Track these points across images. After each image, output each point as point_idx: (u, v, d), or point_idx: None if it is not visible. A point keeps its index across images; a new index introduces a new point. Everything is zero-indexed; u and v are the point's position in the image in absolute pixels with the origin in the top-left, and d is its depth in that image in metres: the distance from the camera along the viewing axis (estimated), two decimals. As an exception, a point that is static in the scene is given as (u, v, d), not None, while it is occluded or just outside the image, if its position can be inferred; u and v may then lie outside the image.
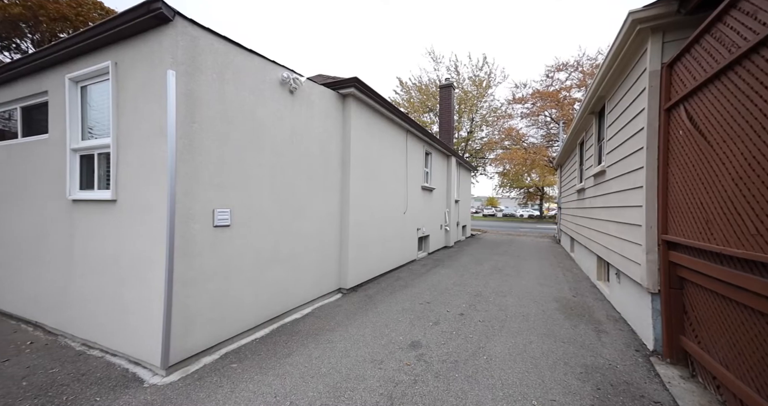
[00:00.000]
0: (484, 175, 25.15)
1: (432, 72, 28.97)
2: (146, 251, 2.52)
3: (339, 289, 4.64)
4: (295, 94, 3.66)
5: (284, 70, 3.44)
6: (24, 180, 3.52)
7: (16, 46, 14.67)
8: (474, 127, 21.61)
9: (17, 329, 3.27)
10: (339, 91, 4.49)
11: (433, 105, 20.40)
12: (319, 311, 3.85)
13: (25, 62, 3.26)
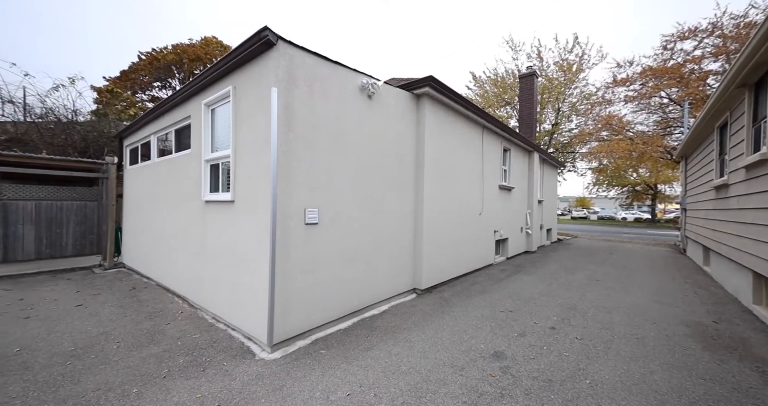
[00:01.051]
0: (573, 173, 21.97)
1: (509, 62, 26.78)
2: (255, 243, 2.97)
3: (413, 289, 4.64)
4: (372, 99, 3.82)
5: (363, 77, 3.63)
6: (177, 186, 4.56)
7: (169, 84, 19.24)
8: (561, 118, 19.09)
9: (173, 301, 4.25)
10: (413, 92, 4.51)
11: (511, 97, 18.78)
12: (395, 309, 3.92)
13: (176, 96, 4.23)
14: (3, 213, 5.86)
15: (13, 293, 4.48)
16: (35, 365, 2.53)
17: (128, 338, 3.04)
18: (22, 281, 5.16)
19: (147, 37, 35.31)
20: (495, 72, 20.32)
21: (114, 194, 6.61)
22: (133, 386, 2.25)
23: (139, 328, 3.30)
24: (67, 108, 9.87)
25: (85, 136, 9.38)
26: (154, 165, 5.43)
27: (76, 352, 2.75)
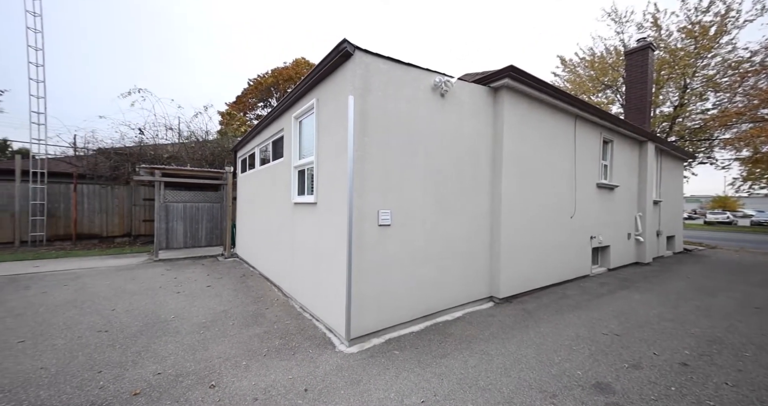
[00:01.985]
0: (708, 165, 17.01)
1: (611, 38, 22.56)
2: (334, 242, 3.22)
3: (490, 297, 4.32)
4: (445, 97, 3.71)
5: (436, 76, 3.56)
6: (273, 190, 5.33)
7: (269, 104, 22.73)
8: (688, 97, 15.04)
9: (270, 289, 4.97)
10: (489, 85, 4.21)
11: (613, 79, 15.74)
12: (470, 317, 3.71)
13: (272, 113, 4.95)
14: (165, 212, 7.84)
15: (171, 272, 5.94)
16: (182, 330, 3.29)
17: (240, 318, 3.68)
18: (176, 263, 6.80)
19: (256, 66, 42.70)
20: (591, 52, 17.38)
21: (231, 197, 8.13)
22: (242, 359, 2.70)
23: (247, 310, 3.95)
24: (203, 130, 12.64)
25: (213, 151, 11.82)
26: (256, 172, 6.46)
27: (206, 324, 3.47)
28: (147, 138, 11.22)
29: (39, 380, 2.34)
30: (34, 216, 9.00)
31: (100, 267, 6.28)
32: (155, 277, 5.58)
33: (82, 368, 2.52)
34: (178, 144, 11.85)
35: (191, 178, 8.14)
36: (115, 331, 3.24)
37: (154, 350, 2.82)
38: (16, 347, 2.86)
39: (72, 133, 19.48)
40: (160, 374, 2.45)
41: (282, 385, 2.31)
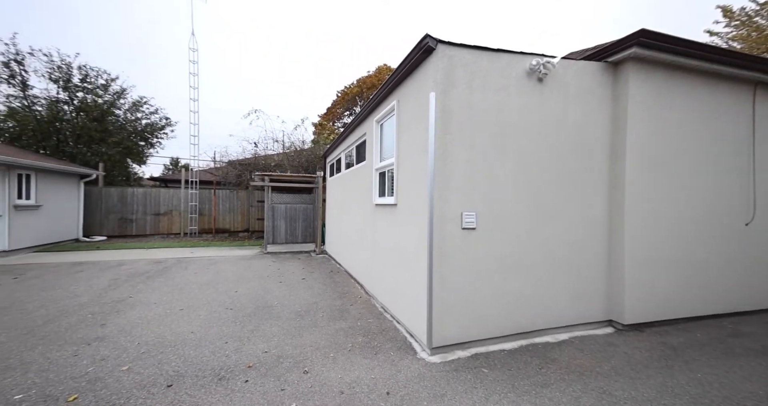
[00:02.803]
0: None
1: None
2: (414, 245, 3.13)
3: (609, 321, 3.49)
4: (544, 82, 3.18)
5: (533, 58, 3.08)
6: (356, 192, 5.63)
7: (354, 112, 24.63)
8: None
9: (354, 286, 5.25)
10: (606, 61, 3.41)
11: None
12: (579, 343, 3.07)
13: (356, 119, 5.23)
14: (272, 212, 9.26)
15: (275, 264, 6.96)
16: (282, 316, 3.75)
17: (328, 310, 3.96)
18: (279, 256, 7.94)
19: (345, 77, 47.03)
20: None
21: (321, 199, 9.02)
22: (330, 351, 2.87)
23: (334, 304, 4.24)
24: (300, 140, 14.51)
25: (307, 158, 13.41)
26: (342, 176, 6.96)
27: (301, 313, 3.86)
28: (260, 150, 13.52)
29: (189, 341, 2.99)
30: (192, 214, 11.93)
31: (228, 256, 7.83)
32: (264, 267, 6.59)
33: (215, 337, 3.11)
34: (281, 154, 13.89)
35: (290, 182, 9.38)
36: (237, 309, 3.92)
37: (262, 331, 3.28)
38: (178, 313, 3.75)
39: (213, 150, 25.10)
40: (267, 352, 2.81)
41: (365, 383, 2.34)
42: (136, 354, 2.71)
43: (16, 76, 13.06)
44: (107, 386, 2.24)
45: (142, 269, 6.15)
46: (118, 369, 2.46)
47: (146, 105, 16.08)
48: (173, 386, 2.27)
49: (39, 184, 8.65)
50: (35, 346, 2.84)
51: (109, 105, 14.73)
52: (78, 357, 2.64)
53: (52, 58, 13.46)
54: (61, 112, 13.68)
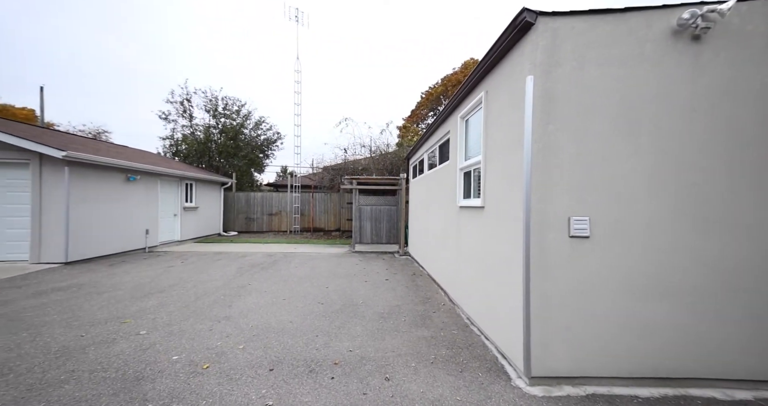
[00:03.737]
0: None
1: None
2: (505, 254, 2.73)
3: (830, 385, 2.29)
4: (703, 40, 2.32)
5: (685, 10, 2.29)
6: (439, 193, 5.41)
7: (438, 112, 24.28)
8: None
9: (437, 292, 5.04)
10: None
11: None
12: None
13: (439, 117, 5.01)
14: (359, 213, 9.86)
15: (362, 263, 7.34)
16: (367, 316, 3.86)
17: (410, 315, 3.88)
18: (365, 256, 8.36)
19: (429, 77, 47.13)
20: None
21: (404, 201, 9.09)
22: (412, 360, 2.76)
23: (416, 309, 4.13)
24: (385, 143, 15.09)
25: (392, 161, 13.81)
26: (424, 177, 6.81)
27: (384, 315, 3.90)
28: (349, 155, 14.63)
29: (288, 330, 3.36)
30: (295, 214, 13.84)
31: (323, 253, 8.68)
32: (352, 265, 7.02)
33: (308, 329, 3.41)
34: (368, 158, 14.71)
35: (375, 185, 9.78)
36: (327, 304, 4.25)
37: (348, 329, 3.43)
38: (281, 303, 4.31)
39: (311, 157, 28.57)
40: (351, 352, 2.90)
41: (450, 405, 2.13)
42: (249, 336, 3.20)
43: (187, 110, 17.80)
44: (228, 360, 2.70)
45: (258, 260, 7.40)
46: (236, 347, 2.94)
47: (264, 123, 19.58)
48: (274, 370, 2.56)
49: (197, 191, 11.50)
50: (188, 317, 3.68)
51: (240, 126, 18.50)
52: (212, 332, 3.29)
53: (206, 94, 17.81)
54: (212, 134, 17.92)
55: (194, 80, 36.93)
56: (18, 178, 6.45)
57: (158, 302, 4.22)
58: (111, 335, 3.16)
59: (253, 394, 2.23)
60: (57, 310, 3.84)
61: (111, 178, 7.60)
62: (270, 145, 20.16)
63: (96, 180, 7.17)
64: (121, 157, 8.39)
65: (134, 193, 8.35)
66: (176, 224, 10.32)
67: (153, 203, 9.11)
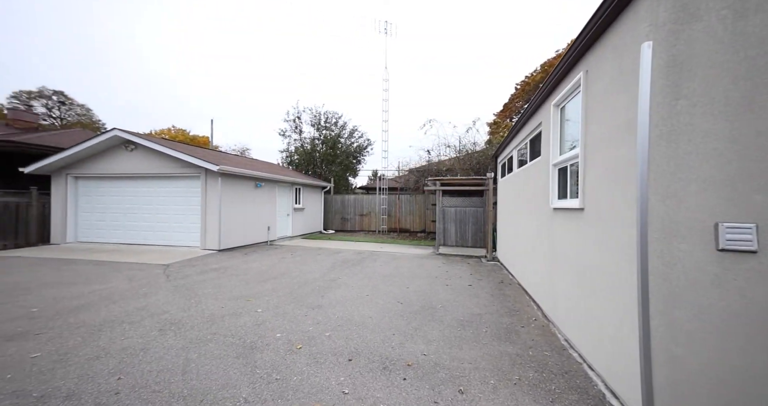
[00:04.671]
0: None
1: None
2: (612, 266, 2.20)
3: None
4: None
5: None
6: (529, 193, 4.79)
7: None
8: None
9: (528, 304, 4.46)
10: None
11: None
12: None
13: (528, 107, 4.45)
14: (443, 215, 9.66)
15: (445, 266, 7.16)
16: (445, 321, 3.74)
17: (493, 327, 3.56)
18: (449, 259, 8.12)
19: (526, 66, 42.52)
20: None
21: (491, 202, 8.41)
22: (491, 377, 2.54)
23: (501, 321, 3.75)
24: (471, 142, 14.34)
25: (478, 160, 13.00)
26: (513, 176, 6.14)
27: (463, 322, 3.70)
28: (433, 157, 14.50)
29: (368, 325, 3.58)
30: (382, 215, 14.60)
31: (406, 253, 8.87)
32: (434, 267, 6.92)
33: (386, 326, 3.55)
34: (453, 158, 14.25)
35: (459, 185, 9.38)
36: (405, 304, 4.32)
37: (424, 332, 3.41)
38: (364, 298, 4.62)
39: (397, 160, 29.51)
40: (425, 356, 2.88)
41: (532, 436, 1.86)
42: (335, 325, 3.55)
43: (298, 127, 21.15)
44: (316, 344, 3.07)
45: (349, 257, 8.13)
46: (323, 334, 3.31)
47: (356, 132, 21.45)
48: (352, 361, 2.77)
49: (303, 194, 13.49)
50: (290, 302, 4.36)
51: (337, 136, 20.78)
52: (306, 317, 3.80)
53: (312, 111, 20.76)
54: (316, 145, 20.73)
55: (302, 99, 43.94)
56: (194, 187, 8.96)
57: (272, 287, 5.15)
58: (239, 309, 4.04)
59: (333, 380, 2.47)
60: (210, 285, 5.14)
61: (245, 185, 9.71)
62: (361, 151, 21.89)
63: (236, 187, 9.29)
64: (252, 168, 10.61)
65: (260, 197, 10.43)
66: (288, 222, 12.35)
67: (272, 205, 11.17)
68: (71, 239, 9.43)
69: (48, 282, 5.17)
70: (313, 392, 2.31)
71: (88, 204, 9.59)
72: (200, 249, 8.64)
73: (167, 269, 6.28)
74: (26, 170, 9.25)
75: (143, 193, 9.32)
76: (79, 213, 9.61)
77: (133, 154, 9.13)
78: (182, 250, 8.58)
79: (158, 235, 9.15)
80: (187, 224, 8.94)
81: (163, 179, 9.17)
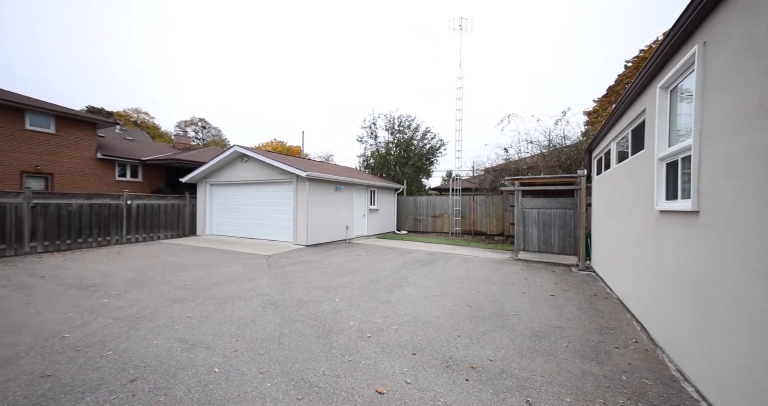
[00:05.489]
0: None
1: None
2: (736, 285, 1.74)
3: None
4: None
5: None
6: (629, 192, 4.06)
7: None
8: None
9: (629, 323, 3.78)
10: None
11: None
12: None
13: (630, 90, 3.79)
14: (522, 217, 8.87)
15: (523, 272, 6.60)
16: (517, 329, 3.52)
17: (576, 343, 3.18)
18: (530, 265, 7.42)
19: (640, 41, 34.99)
20: None
21: (584, 203, 7.31)
22: (566, 394, 2.32)
23: (588, 338, 3.31)
24: (560, 136, 12.68)
25: (569, 155, 11.43)
26: (610, 173, 5.25)
27: (539, 333, 3.41)
28: (512, 154, 13.38)
29: (433, 324, 3.65)
30: (456, 217, 14.23)
31: (481, 257, 8.47)
32: (511, 273, 6.45)
33: (452, 327, 3.56)
34: (537, 155, 12.86)
35: (542, 185, 8.44)
36: (474, 308, 4.21)
37: (492, 337, 3.29)
38: (432, 298, 4.69)
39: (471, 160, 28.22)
40: (491, 361, 2.80)
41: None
42: (402, 321, 3.75)
43: (373, 132, 22.42)
44: (384, 336, 3.31)
45: (420, 257, 8.26)
46: (390, 327, 3.54)
47: (429, 133, 21.44)
48: (416, 355, 2.90)
49: (378, 196, 14.26)
50: (363, 296, 4.76)
51: (410, 138, 21.19)
52: (376, 310, 4.11)
53: (386, 116, 21.73)
54: (390, 149, 21.60)
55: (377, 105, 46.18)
56: (288, 191, 10.53)
57: (348, 280, 5.70)
58: (320, 297, 4.63)
59: (397, 369, 2.66)
60: (300, 276, 6.01)
61: (327, 188, 10.88)
62: (434, 152, 21.75)
63: (320, 190, 10.51)
64: (333, 173, 11.80)
65: (339, 199, 11.51)
66: (364, 222, 13.25)
67: (350, 206, 12.18)
68: (208, 232, 12.24)
69: (197, 264, 6.90)
70: (378, 377, 2.54)
71: (218, 205, 12.28)
72: (292, 244, 10.08)
73: (269, 259, 7.58)
74: (183, 180, 12.45)
75: (252, 196, 11.42)
76: (213, 212, 12.39)
77: (247, 165, 11.28)
78: (279, 244, 10.16)
79: (262, 231, 11.07)
80: (282, 223, 10.55)
81: (266, 184, 11.06)
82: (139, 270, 6.17)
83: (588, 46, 40.10)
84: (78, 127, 13.26)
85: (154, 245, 9.62)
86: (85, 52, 53.78)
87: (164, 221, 11.24)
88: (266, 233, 10.95)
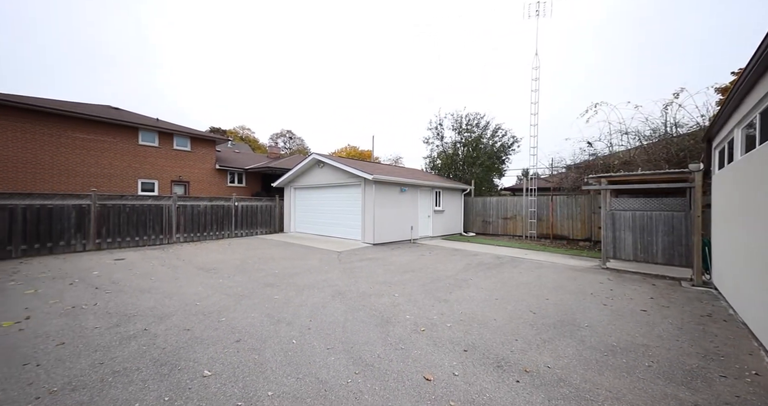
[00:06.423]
0: None
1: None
2: None
3: None
4: None
5: None
6: (757, 191, 3.24)
7: None
8: None
9: (753, 352, 3.03)
10: None
11: None
12: None
13: (757, 57, 3.06)
14: (611, 220, 7.67)
15: (610, 283, 5.74)
16: (587, 341, 3.19)
17: (665, 364, 2.73)
18: (620, 276, 6.39)
19: None
20: None
21: (699, 204, 5.93)
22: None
23: (684, 361, 2.79)
24: (669, 123, 10.41)
25: (679, 146, 9.33)
26: (735, 166, 4.20)
27: (615, 349, 3.03)
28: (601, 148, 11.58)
29: (490, 325, 3.60)
30: (531, 219, 13.04)
31: (557, 263, 7.64)
32: (592, 283, 5.69)
33: (509, 331, 3.45)
34: (637, 148, 10.84)
35: (639, 183, 7.14)
36: (539, 315, 3.95)
37: (555, 346, 3.08)
38: (493, 301, 4.56)
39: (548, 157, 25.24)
40: (549, 368, 2.66)
41: None
42: (456, 319, 3.79)
43: (440, 133, 22.23)
44: (437, 331, 3.44)
45: (486, 260, 7.94)
46: (445, 324, 3.63)
47: (500, 130, 20.13)
48: (467, 352, 2.95)
49: (443, 197, 14.13)
50: (421, 293, 4.93)
51: (479, 136, 20.27)
52: (433, 307, 4.23)
53: (453, 116, 21.31)
54: (457, 149, 21.09)
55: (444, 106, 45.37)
56: (357, 193, 11.42)
57: (409, 278, 5.94)
58: (382, 291, 5.00)
59: (446, 362, 2.77)
60: (365, 270, 6.54)
61: (392, 190, 11.37)
62: (506, 150, 20.29)
63: (386, 192, 11.06)
64: (398, 175, 12.25)
65: (404, 200, 11.88)
66: (429, 223, 13.30)
67: (414, 207, 12.42)
68: (293, 230, 14.14)
69: (283, 256, 8.16)
70: (427, 366, 2.70)
71: (300, 206, 14.08)
72: (361, 242, 10.85)
73: (340, 255, 8.40)
74: (273, 185, 14.72)
75: (327, 198, 12.72)
76: (296, 212, 14.26)
77: (322, 170, 12.65)
78: (349, 242, 11.07)
79: (336, 229, 12.22)
80: (352, 222, 11.45)
81: (338, 187, 12.20)
82: (242, 259, 7.64)
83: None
84: (204, 145, 16.98)
85: (253, 239, 11.63)
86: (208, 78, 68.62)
87: (260, 220, 13.46)
88: (339, 231, 12.04)
